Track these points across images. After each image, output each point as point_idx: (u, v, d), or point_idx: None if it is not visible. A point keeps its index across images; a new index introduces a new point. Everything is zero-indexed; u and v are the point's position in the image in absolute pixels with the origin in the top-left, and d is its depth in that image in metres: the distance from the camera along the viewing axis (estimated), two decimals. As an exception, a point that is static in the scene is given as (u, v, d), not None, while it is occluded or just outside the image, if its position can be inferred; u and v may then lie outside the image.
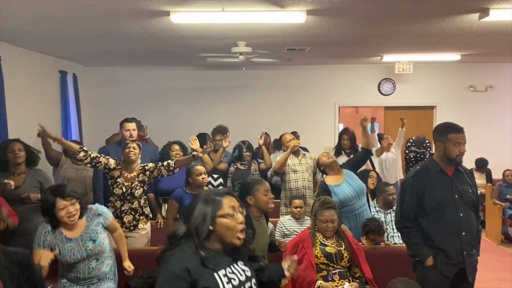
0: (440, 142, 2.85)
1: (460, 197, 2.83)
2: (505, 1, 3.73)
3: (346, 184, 3.95)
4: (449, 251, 2.83)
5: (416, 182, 2.92)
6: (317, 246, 3.32)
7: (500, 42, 5.78)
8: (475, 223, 2.92)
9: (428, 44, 5.93)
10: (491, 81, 8.27)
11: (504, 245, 6.16)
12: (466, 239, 2.82)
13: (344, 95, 8.44)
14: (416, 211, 2.92)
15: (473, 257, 2.89)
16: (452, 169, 2.89)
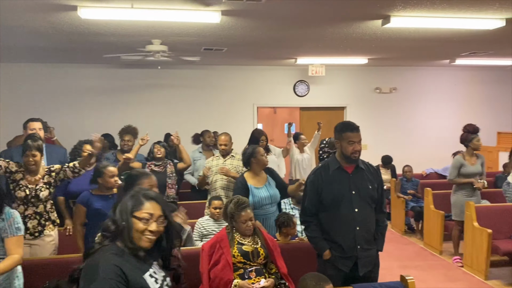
0: (338, 141, 2.95)
1: (358, 193, 2.93)
2: (404, 9, 4.05)
3: (265, 189, 4.01)
4: (343, 245, 2.92)
5: (316, 178, 3.01)
6: (235, 245, 3.33)
7: (402, 47, 6.27)
8: (372, 218, 3.01)
9: (338, 47, 6.26)
10: (395, 84, 8.95)
11: (407, 235, 6.69)
12: (360, 233, 2.91)
13: (262, 96, 8.61)
14: (317, 206, 3.01)
15: (367, 252, 2.93)
16: (352, 167, 2.98)
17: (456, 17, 4.30)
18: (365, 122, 8.88)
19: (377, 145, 8.77)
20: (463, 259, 5.28)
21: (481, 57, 7.38)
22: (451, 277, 4.94)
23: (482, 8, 4.01)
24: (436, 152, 8.50)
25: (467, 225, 5.16)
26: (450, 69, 8.92)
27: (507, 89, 9.21)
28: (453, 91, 9.12)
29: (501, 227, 5.03)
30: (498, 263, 5.20)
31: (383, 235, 3.06)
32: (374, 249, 3.01)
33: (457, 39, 5.58)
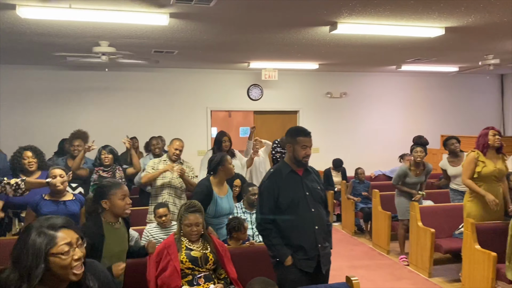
0: (290, 144, 3.02)
1: (311, 194, 3.04)
2: (350, 16, 4.17)
3: (226, 200, 3.98)
4: (306, 246, 2.98)
5: (271, 184, 3.05)
6: (183, 251, 3.28)
7: (350, 53, 6.45)
8: (325, 217, 3.15)
9: (289, 53, 6.35)
10: (345, 89, 9.19)
11: (357, 236, 6.87)
12: (319, 232, 3.02)
13: (216, 99, 8.58)
14: (274, 211, 3.03)
15: (326, 249, 3.10)
16: (301, 170, 3.09)
17: (399, 25, 4.48)
18: (317, 126, 9.07)
19: (329, 149, 8.96)
20: (409, 258, 5.48)
21: (425, 63, 7.73)
22: (397, 276, 5.11)
23: (422, 17, 4.20)
24: (384, 155, 8.80)
25: (412, 225, 5.36)
26: (396, 75, 9.27)
27: (450, 95, 9.70)
28: (399, 96, 9.48)
29: (443, 226, 5.27)
30: (441, 261, 5.44)
31: (331, 233, 3.20)
32: (329, 247, 3.13)
33: (402, 46, 5.81)
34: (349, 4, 3.72)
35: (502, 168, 4.35)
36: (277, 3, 3.72)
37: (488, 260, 4.12)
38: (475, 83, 9.80)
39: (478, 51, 6.28)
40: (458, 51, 6.30)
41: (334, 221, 7.71)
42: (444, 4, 3.76)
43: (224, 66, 7.99)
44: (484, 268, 4.17)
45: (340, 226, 7.38)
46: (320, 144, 9.09)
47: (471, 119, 9.56)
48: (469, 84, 9.78)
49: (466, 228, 4.39)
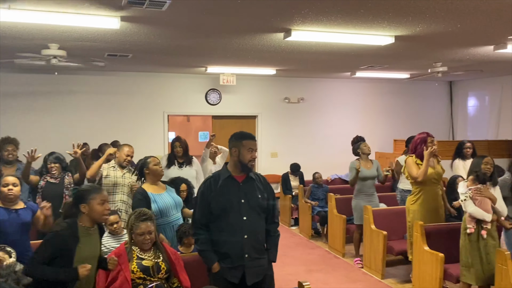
0: (236, 148, 2.97)
1: (247, 202, 2.93)
2: (303, 24, 4.23)
3: (167, 194, 3.92)
4: (231, 254, 2.92)
5: (206, 189, 3.00)
6: (134, 260, 3.20)
7: (306, 59, 6.54)
8: (262, 227, 3.01)
9: (246, 58, 6.37)
10: (303, 94, 9.32)
11: (314, 239, 6.96)
12: (248, 242, 2.90)
13: (173, 104, 8.47)
14: (207, 217, 2.98)
15: (256, 261, 2.94)
16: (243, 176, 3.00)
17: (351, 33, 4.59)
18: (275, 130, 9.16)
19: (287, 153, 9.05)
20: (363, 260, 5.60)
21: (378, 70, 7.97)
22: (351, 278, 5.21)
23: (373, 26, 4.32)
24: (340, 159, 8.92)
25: (365, 228, 5.49)
26: (351, 81, 9.50)
27: (402, 100, 10.04)
28: (355, 101, 9.72)
29: (395, 228, 5.42)
30: (393, 263, 5.60)
31: (275, 245, 3.09)
32: (265, 259, 3.02)
33: (355, 53, 5.96)
34: (301, 12, 3.78)
35: (439, 171, 4.55)
36: (230, 9, 3.72)
37: (436, 261, 4.27)
38: (425, 89, 10.20)
39: (427, 59, 6.54)
40: (408, 58, 6.53)
41: (292, 225, 7.79)
42: (392, 14, 3.89)
43: (181, 70, 7.92)
44: (433, 269, 4.32)
45: (298, 230, 7.45)
46: (278, 148, 9.17)
47: (422, 124, 9.90)
48: (420, 91, 10.16)
49: (415, 230, 4.54)
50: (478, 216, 3.85)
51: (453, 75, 8.47)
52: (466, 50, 5.84)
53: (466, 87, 10.14)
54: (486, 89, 9.64)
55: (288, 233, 7.33)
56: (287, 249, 6.29)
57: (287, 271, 5.40)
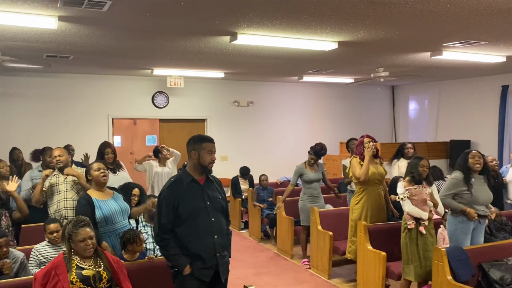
0: (195, 151, 3.01)
1: (212, 203, 3.05)
2: (249, 28, 4.25)
3: (113, 201, 3.79)
4: (204, 256, 2.98)
5: (171, 193, 3.01)
6: (73, 270, 3.05)
7: (254, 63, 6.58)
8: (225, 226, 3.18)
9: (193, 60, 6.30)
10: (252, 97, 9.37)
11: (263, 242, 6.99)
12: (218, 241, 3.04)
13: (118, 107, 8.23)
14: (173, 221, 3.00)
15: (225, 258, 3.12)
16: (203, 179, 3.09)
17: (297, 38, 4.67)
18: (225, 134, 9.13)
19: (237, 156, 9.06)
20: (310, 261, 5.69)
21: (324, 75, 8.17)
22: (299, 280, 5.28)
23: (316, 31, 4.41)
24: (289, 161, 9.04)
25: (312, 229, 5.59)
26: (299, 85, 9.67)
27: (347, 104, 10.35)
28: (303, 105, 9.90)
29: (341, 229, 5.55)
30: (340, 262, 5.73)
31: (230, 242, 3.23)
32: (228, 256, 3.15)
33: (301, 58, 6.07)
34: (246, 16, 3.79)
35: (382, 172, 4.73)
36: (173, 11, 3.67)
37: (379, 260, 4.41)
38: (369, 93, 10.58)
39: (370, 64, 6.78)
40: (352, 64, 6.74)
41: (242, 228, 7.78)
42: (335, 20, 3.99)
43: (126, 72, 7.71)
44: (375, 267, 4.47)
45: (248, 233, 7.46)
46: (228, 152, 9.15)
47: (367, 126, 10.27)
48: (364, 95, 10.52)
49: (359, 230, 4.68)
50: (415, 215, 4.03)
51: (394, 79, 8.85)
52: (405, 56, 6.11)
53: (407, 92, 10.62)
54: (425, 94, 10.14)
55: (238, 236, 7.32)
56: (236, 253, 6.26)
57: (235, 275, 5.38)
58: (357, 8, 3.59)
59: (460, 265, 3.64)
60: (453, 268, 3.62)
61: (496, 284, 3.61)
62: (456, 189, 4.04)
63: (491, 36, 4.73)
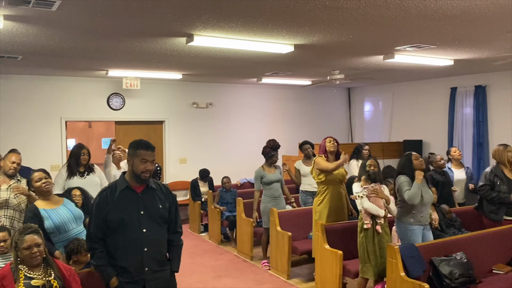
0: (131, 158, 2.85)
1: (147, 213, 2.83)
2: (205, 29, 4.21)
3: (63, 208, 3.65)
4: (130, 269, 2.82)
5: (102, 200, 2.85)
6: (21, 281, 2.92)
7: (212, 64, 6.54)
8: (163, 239, 2.94)
9: (149, 62, 6.19)
10: (211, 99, 9.31)
11: (223, 244, 6.96)
12: (148, 255, 2.82)
13: (72, 109, 7.94)
14: (103, 230, 2.84)
15: (157, 273, 2.87)
16: (142, 187, 2.88)
17: (253, 40, 4.68)
18: (184, 136, 9.03)
19: (196, 159, 8.97)
20: (270, 262, 5.72)
21: (282, 77, 8.25)
22: (259, 281, 5.30)
23: (273, 34, 4.45)
24: (249, 163, 9.06)
25: (272, 230, 5.63)
26: (258, 87, 9.72)
27: (306, 106, 10.49)
28: (262, 106, 9.95)
29: (300, 229, 5.64)
30: (298, 262, 5.81)
31: (178, 255, 3.03)
32: (167, 270, 2.96)
33: (259, 60, 6.10)
34: (202, 17, 3.76)
35: (343, 172, 4.84)
36: (126, 12, 3.58)
37: (336, 258, 4.51)
38: (326, 95, 10.78)
39: (326, 67, 6.91)
40: (309, 66, 6.84)
41: (202, 231, 7.72)
42: (290, 23, 4.03)
43: (80, 73, 7.46)
44: (333, 266, 4.56)
45: (207, 236, 7.41)
46: (187, 154, 9.05)
47: (325, 128, 10.45)
48: (322, 96, 10.71)
49: (317, 230, 4.76)
50: (373, 212, 4.15)
51: (350, 82, 9.06)
52: (360, 59, 6.27)
53: (362, 93, 10.91)
54: (379, 95, 10.45)
55: (198, 240, 7.26)
56: (195, 257, 6.21)
57: (195, 279, 5.33)
58: (311, 12, 3.65)
59: (412, 262, 3.77)
60: (406, 264, 3.74)
61: (446, 278, 3.76)
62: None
63: (439, 40, 4.94)
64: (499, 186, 4.72)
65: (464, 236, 4.41)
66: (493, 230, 4.57)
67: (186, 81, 8.73)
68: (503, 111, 7.95)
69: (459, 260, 3.92)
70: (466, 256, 3.98)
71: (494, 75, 8.01)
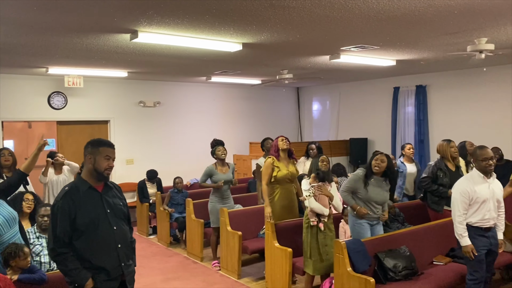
0: (91, 156, 2.82)
1: (112, 211, 2.88)
2: (150, 26, 4.09)
3: None
4: (108, 267, 2.82)
5: (67, 203, 2.77)
6: None
7: (159, 62, 6.38)
8: (128, 234, 3.04)
9: (92, 59, 5.94)
10: (159, 98, 9.11)
11: (172, 246, 6.82)
12: (122, 250, 2.88)
13: (9, 109, 7.47)
14: (70, 234, 2.77)
15: (130, 267, 2.98)
16: (101, 185, 2.91)
17: (201, 38, 4.61)
18: (131, 136, 8.76)
19: (144, 159, 8.74)
20: (220, 263, 5.67)
21: (232, 76, 8.22)
22: (209, 282, 5.23)
23: (220, 32, 4.40)
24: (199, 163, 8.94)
25: (222, 230, 5.57)
26: (208, 86, 9.62)
27: (256, 105, 10.53)
28: (212, 105, 9.87)
29: (250, 228, 5.62)
30: (249, 261, 5.80)
31: (135, 250, 3.10)
32: (133, 264, 3.02)
33: (207, 58, 6.02)
34: (146, 13, 3.65)
35: (293, 171, 4.88)
36: (64, 7, 3.40)
37: (285, 256, 4.53)
38: (276, 95, 10.87)
39: (275, 66, 6.95)
40: (258, 65, 6.86)
41: (150, 234, 7.53)
42: (237, 22, 4.01)
43: (17, 71, 7.04)
44: (282, 263, 4.58)
45: (156, 239, 7.23)
46: (134, 155, 8.80)
47: (275, 127, 10.55)
48: (272, 96, 10.80)
49: (267, 228, 4.76)
50: (318, 211, 4.20)
51: (299, 81, 9.19)
52: (307, 59, 6.36)
53: (311, 93, 11.11)
54: (327, 95, 10.69)
55: (146, 243, 7.06)
56: (144, 260, 6.04)
57: (143, 283, 5.18)
58: (258, 10, 3.64)
59: (358, 257, 3.86)
60: (352, 259, 3.83)
61: (390, 271, 3.89)
62: (353, 185, 4.29)
63: (382, 41, 5.10)
64: (442, 178, 4.95)
65: (406, 230, 4.58)
66: (433, 224, 4.79)
67: (132, 79, 8.48)
68: (442, 110, 8.38)
69: (402, 253, 4.06)
70: (408, 249, 4.14)
71: (434, 75, 8.42)
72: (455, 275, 4.11)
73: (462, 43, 5.20)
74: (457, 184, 3.81)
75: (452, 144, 5.09)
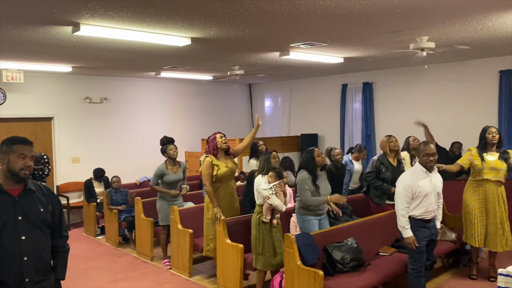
0: (5, 155, 2.54)
1: (26, 218, 2.57)
2: (92, 18, 3.93)
3: None
4: (7, 281, 2.53)
5: None
6: None
7: (104, 57, 6.14)
8: (46, 245, 2.70)
9: (32, 53, 5.64)
10: (106, 94, 8.80)
11: (121, 247, 6.62)
12: (28, 264, 2.57)
13: None
14: None
15: (40, 284, 2.63)
16: (19, 189, 2.60)
17: (147, 31, 4.48)
18: (76, 133, 8.41)
19: (90, 158, 8.43)
20: (171, 261, 5.57)
21: (182, 71, 8.08)
22: (160, 282, 5.13)
23: (168, 26, 4.30)
24: (149, 160, 8.74)
25: (172, 228, 5.48)
26: (158, 81, 9.41)
27: (207, 101, 10.43)
28: (162, 101, 9.66)
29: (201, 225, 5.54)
30: (200, 259, 5.75)
31: (64, 261, 2.81)
32: (51, 279, 2.72)
33: (155, 53, 5.88)
34: (88, 5, 3.49)
35: (232, 167, 4.87)
36: (-1, -6, 3.20)
37: (236, 252, 4.53)
38: (228, 91, 10.82)
39: (226, 62, 6.90)
40: (208, 61, 6.78)
41: (98, 234, 7.27)
42: (185, 15, 3.93)
43: None
44: (234, 259, 4.57)
45: (104, 239, 6.99)
46: (80, 153, 8.46)
47: (227, 123, 10.50)
48: (224, 92, 10.74)
49: (218, 226, 4.73)
50: (279, 208, 4.24)
51: (250, 77, 9.19)
52: (257, 55, 6.36)
53: (263, 89, 11.15)
54: (278, 91, 10.78)
55: (93, 243, 6.82)
56: (90, 261, 5.82)
57: (90, 285, 5.00)
58: (204, 4, 3.58)
59: (308, 250, 3.92)
60: (302, 253, 3.88)
61: (338, 263, 3.98)
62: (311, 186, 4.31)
63: (330, 38, 5.19)
64: (384, 173, 5.12)
65: (354, 223, 4.70)
66: (378, 216, 4.95)
67: (77, 74, 8.14)
68: (388, 106, 8.68)
69: (350, 245, 4.17)
70: (356, 241, 4.25)
71: (379, 72, 8.70)
72: (400, 265, 4.27)
73: (405, 41, 5.40)
74: (401, 178, 3.96)
75: (392, 139, 5.28)
